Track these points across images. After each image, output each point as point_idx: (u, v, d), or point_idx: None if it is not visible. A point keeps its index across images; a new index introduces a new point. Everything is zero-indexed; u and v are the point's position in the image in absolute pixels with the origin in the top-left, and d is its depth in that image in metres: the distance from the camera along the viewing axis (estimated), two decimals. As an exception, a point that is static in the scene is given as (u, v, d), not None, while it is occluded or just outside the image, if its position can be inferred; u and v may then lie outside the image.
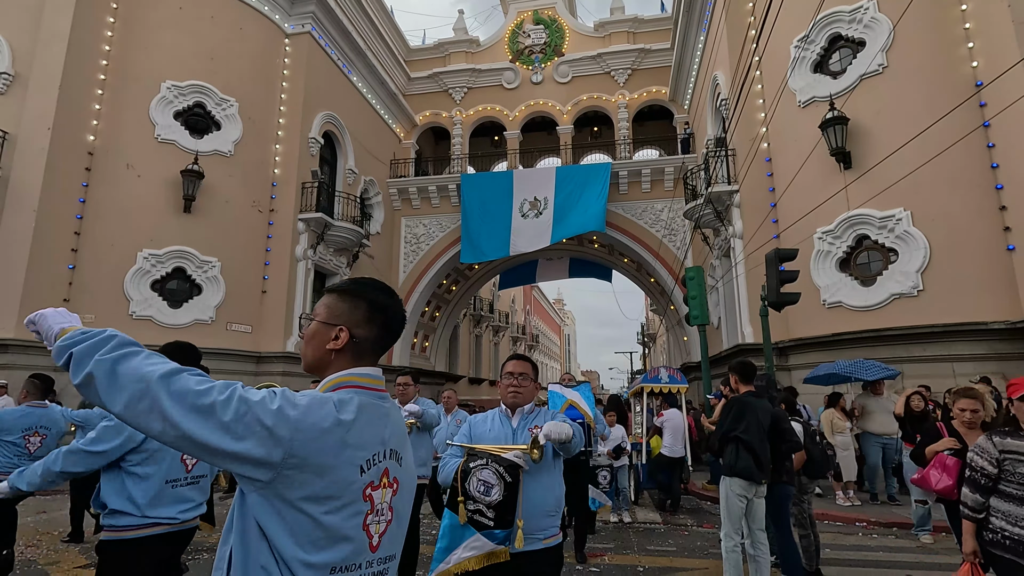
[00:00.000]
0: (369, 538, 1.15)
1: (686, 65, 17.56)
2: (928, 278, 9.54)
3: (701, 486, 9.63)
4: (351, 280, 1.35)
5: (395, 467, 1.24)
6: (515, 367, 2.66)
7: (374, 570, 1.17)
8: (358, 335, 1.26)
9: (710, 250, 15.33)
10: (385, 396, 1.28)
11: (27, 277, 10.42)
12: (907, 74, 10.03)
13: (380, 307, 1.31)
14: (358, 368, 1.26)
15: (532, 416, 2.64)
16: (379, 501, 1.17)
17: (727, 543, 4.25)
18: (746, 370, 4.44)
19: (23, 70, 11.34)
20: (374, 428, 1.19)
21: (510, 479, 2.32)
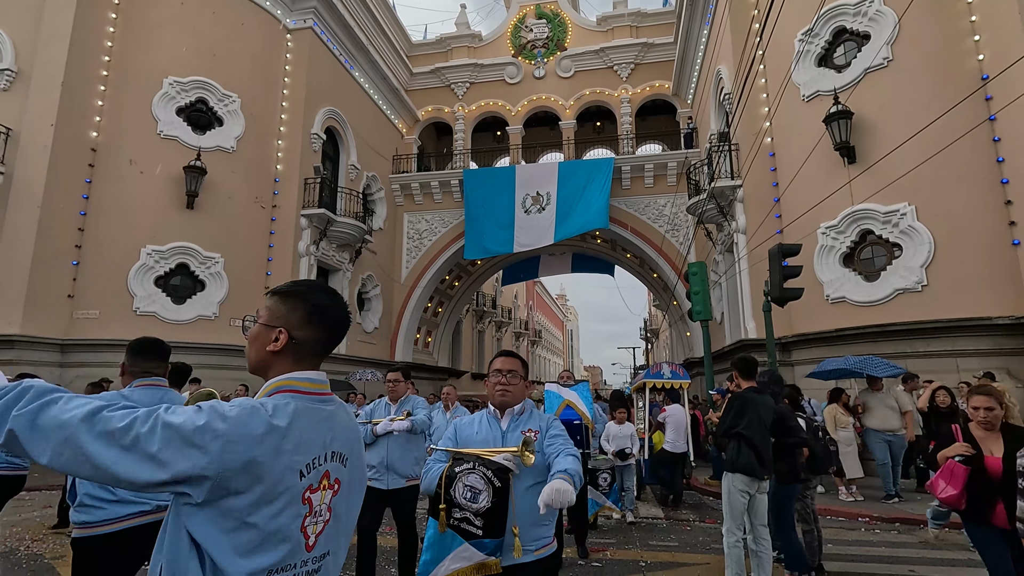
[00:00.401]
0: (306, 538, 1.17)
1: (689, 59, 17.46)
2: (932, 273, 9.49)
3: (703, 481, 9.63)
4: (293, 282, 1.36)
5: (338, 469, 1.26)
6: (503, 364, 2.46)
7: (309, 568, 1.19)
8: (298, 337, 1.27)
9: (713, 245, 15.29)
10: (329, 399, 1.29)
11: (31, 274, 10.47)
12: (912, 67, 9.96)
13: (320, 309, 1.31)
14: (297, 372, 1.26)
15: (523, 417, 2.46)
16: (318, 503, 1.19)
17: (729, 538, 4.25)
18: (747, 366, 4.43)
19: (25, 66, 11.35)
20: (314, 432, 1.20)
21: (499, 484, 2.14)
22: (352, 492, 1.31)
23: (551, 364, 63.18)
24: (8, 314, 10.23)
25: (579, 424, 4.87)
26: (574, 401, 4.96)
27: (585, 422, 4.91)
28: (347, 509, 1.30)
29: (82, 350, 11.07)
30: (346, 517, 1.30)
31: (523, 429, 2.36)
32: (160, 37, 12.76)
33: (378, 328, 18.32)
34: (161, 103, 12.51)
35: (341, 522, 1.28)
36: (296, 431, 1.16)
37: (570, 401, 4.95)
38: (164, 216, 12.21)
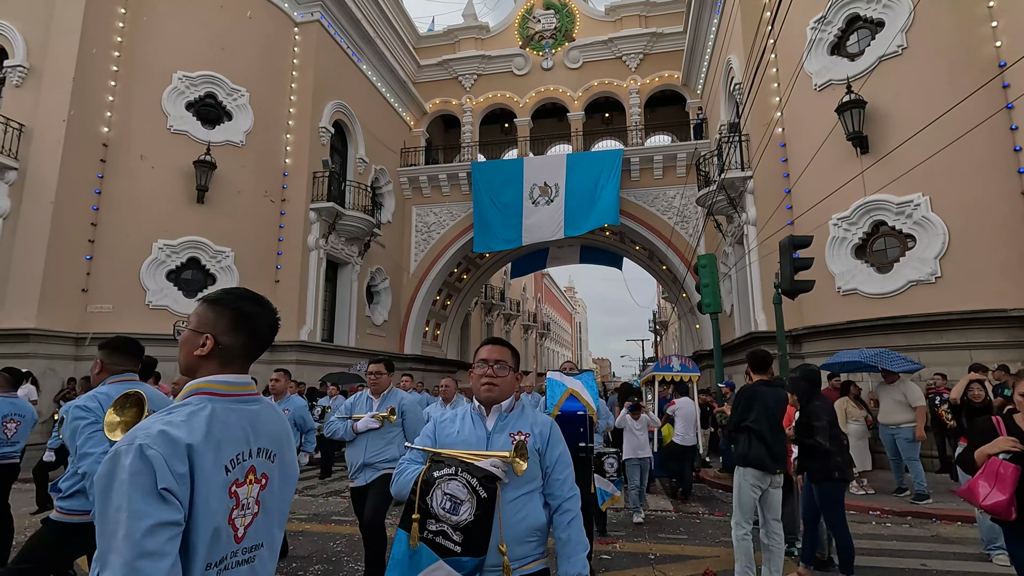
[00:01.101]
0: (234, 530, 1.24)
1: (699, 49, 17.26)
2: (946, 264, 9.37)
3: (713, 474, 9.63)
4: (223, 290, 1.44)
5: (266, 465, 1.34)
6: (489, 353, 2.13)
7: (239, 559, 1.26)
8: (223, 342, 1.35)
9: (723, 237, 15.18)
10: (253, 399, 1.37)
11: (46, 268, 10.60)
12: (927, 55, 9.78)
13: (246, 316, 1.39)
14: (218, 375, 1.34)
15: (512, 416, 2.13)
16: (244, 496, 1.27)
17: (737, 531, 4.24)
18: (759, 360, 4.39)
19: (37, 62, 11.44)
20: (236, 429, 1.28)
21: (485, 494, 1.85)
22: (283, 487, 1.40)
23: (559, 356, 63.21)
24: (24, 308, 10.38)
25: (583, 415, 4.57)
26: (578, 390, 4.67)
27: (590, 413, 4.60)
28: (278, 503, 1.38)
29: (96, 344, 11.19)
30: (276, 510, 1.38)
31: (512, 431, 2.06)
32: (168, 30, 12.80)
33: (387, 321, 18.40)
34: (171, 98, 12.57)
35: (271, 515, 1.36)
36: (216, 430, 1.24)
37: (574, 390, 4.66)
38: (175, 210, 12.31)
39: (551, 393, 4.69)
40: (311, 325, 14.22)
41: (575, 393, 4.62)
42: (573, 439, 4.39)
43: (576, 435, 4.42)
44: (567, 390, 4.65)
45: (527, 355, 45.71)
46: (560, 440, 2.13)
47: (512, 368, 2.16)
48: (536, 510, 2.01)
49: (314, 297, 14.44)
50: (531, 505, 2.01)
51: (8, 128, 10.97)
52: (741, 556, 4.20)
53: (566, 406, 4.59)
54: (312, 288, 14.41)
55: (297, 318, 13.87)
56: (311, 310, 14.31)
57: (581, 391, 4.64)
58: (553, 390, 4.70)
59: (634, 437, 6.87)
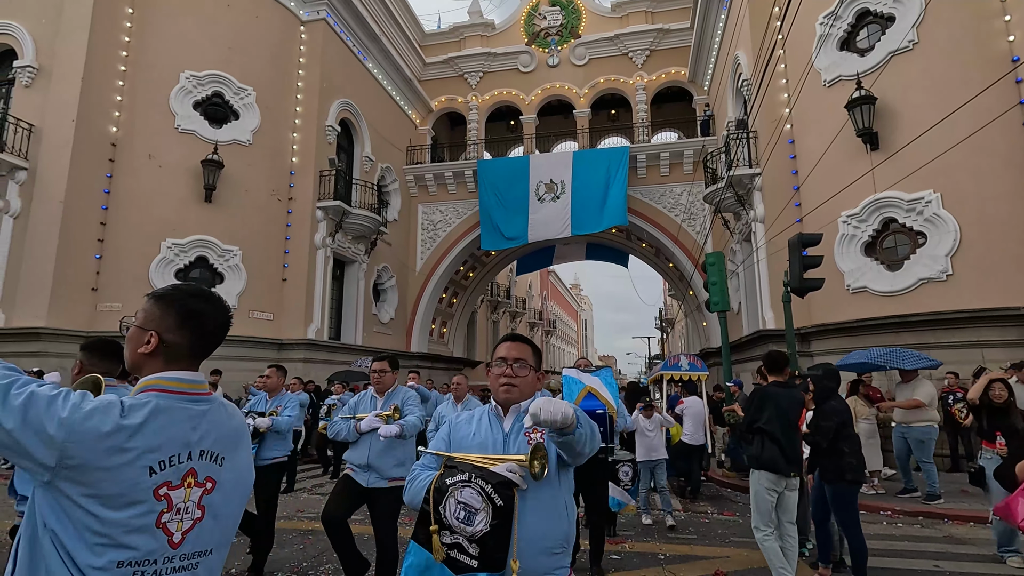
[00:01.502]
0: (168, 535, 1.19)
1: (706, 45, 17.15)
2: (958, 262, 9.28)
3: (722, 473, 9.60)
4: (172, 286, 1.40)
5: (211, 467, 1.29)
6: (508, 351, 1.99)
7: (176, 565, 1.21)
8: (168, 340, 1.32)
9: (730, 235, 15.10)
10: (202, 399, 1.32)
11: (56, 267, 10.68)
12: (939, 50, 9.67)
13: (192, 313, 1.35)
14: (168, 372, 1.30)
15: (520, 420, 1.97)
16: (180, 500, 1.22)
17: (759, 534, 4.14)
18: (774, 361, 4.34)
19: (46, 63, 11.51)
20: (175, 430, 1.23)
21: (501, 502, 1.70)
22: (234, 492, 1.35)
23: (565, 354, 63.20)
24: (34, 307, 10.46)
25: (602, 414, 4.33)
26: (596, 388, 4.41)
27: (609, 411, 4.33)
28: (227, 508, 1.33)
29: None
30: (226, 515, 1.33)
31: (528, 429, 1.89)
32: (176, 30, 12.84)
33: (394, 319, 18.43)
34: (178, 97, 12.62)
35: (221, 520, 1.31)
36: (150, 430, 1.19)
37: (592, 388, 4.40)
38: (183, 209, 12.36)
39: (568, 391, 4.45)
40: (318, 323, 14.26)
41: (593, 391, 4.39)
42: None
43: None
44: (585, 388, 4.41)
45: (533, 353, 45.62)
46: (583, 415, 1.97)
47: (532, 367, 2.01)
48: (560, 517, 1.85)
49: (321, 295, 14.48)
50: (554, 512, 1.84)
51: (18, 128, 11.05)
52: (772, 558, 4.06)
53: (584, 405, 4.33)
54: (319, 286, 14.45)
55: (304, 316, 13.91)
56: (318, 308, 14.36)
57: (600, 389, 4.41)
58: (570, 388, 4.45)
59: (646, 438, 6.68)
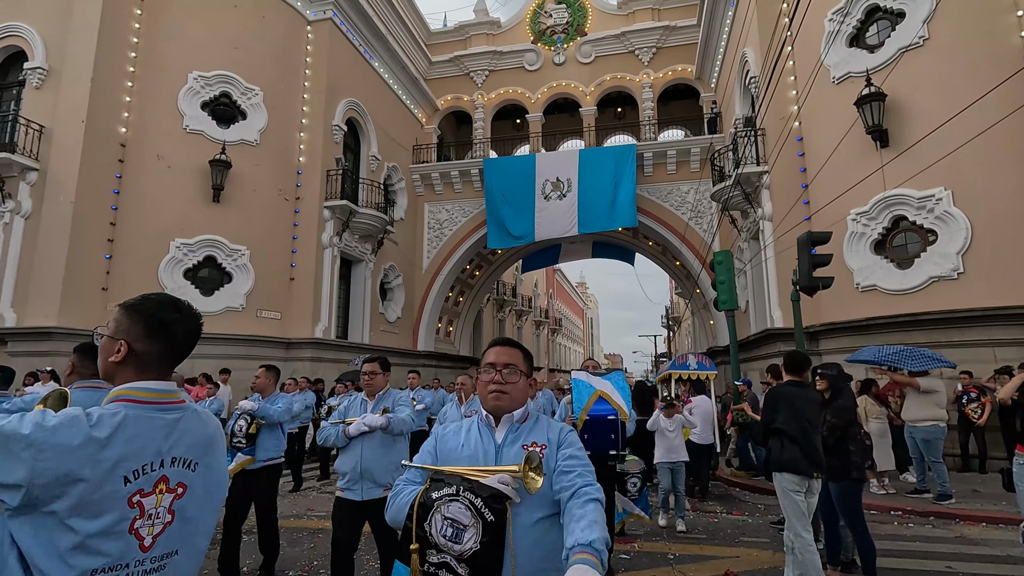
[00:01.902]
0: (139, 540, 1.23)
1: (713, 42, 17.06)
2: (969, 260, 9.20)
3: (730, 473, 9.57)
4: (142, 296, 1.42)
5: (183, 474, 1.32)
6: (497, 356, 1.86)
7: (147, 567, 1.25)
8: (138, 349, 1.35)
9: (738, 233, 15.03)
10: (172, 408, 1.35)
11: (67, 267, 10.75)
12: (950, 46, 9.58)
13: (161, 323, 1.37)
14: (138, 382, 1.32)
15: (526, 426, 1.85)
16: (152, 506, 1.25)
17: (799, 542, 3.90)
18: (791, 361, 4.29)
19: (56, 64, 11.59)
20: (146, 439, 1.26)
21: (491, 517, 1.55)
22: (206, 496, 1.38)
23: (571, 352, 63.15)
24: (45, 307, 10.55)
25: (614, 420, 4.16)
26: (608, 392, 4.22)
27: (621, 417, 4.16)
28: (199, 512, 1.37)
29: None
30: (198, 519, 1.37)
31: (525, 443, 1.77)
32: (184, 30, 12.88)
33: (400, 318, 18.47)
34: (186, 98, 12.67)
35: (190, 524, 1.34)
36: (121, 439, 1.21)
37: (603, 392, 4.22)
38: (191, 209, 12.42)
39: (577, 395, 4.27)
40: (325, 322, 14.31)
41: (604, 395, 4.21)
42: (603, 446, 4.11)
43: (606, 442, 4.15)
44: (595, 392, 4.23)
45: (539, 351, 45.69)
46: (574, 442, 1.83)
47: (524, 372, 1.87)
48: (558, 540, 1.64)
49: (328, 294, 14.53)
50: (554, 531, 1.65)
51: (29, 129, 11.13)
52: (810, 571, 3.83)
53: (595, 410, 4.20)
54: (326, 286, 14.50)
55: (312, 315, 13.96)
56: (325, 307, 14.40)
57: (611, 393, 4.23)
58: (580, 392, 4.26)
59: (666, 439, 6.45)
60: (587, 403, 4.21)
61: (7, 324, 10.61)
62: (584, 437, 4.07)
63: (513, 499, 1.59)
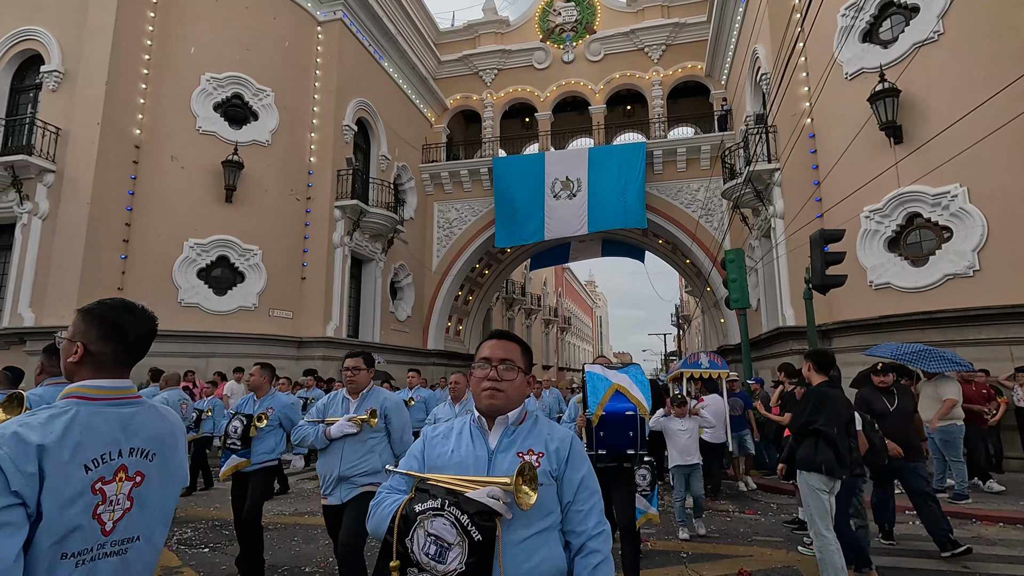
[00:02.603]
0: (101, 524, 1.33)
1: (724, 39, 16.96)
2: (985, 257, 9.09)
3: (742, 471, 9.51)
4: (98, 301, 1.52)
5: (141, 463, 1.43)
6: (493, 350, 1.72)
7: (108, 550, 1.35)
8: (93, 350, 1.45)
9: (749, 230, 14.94)
10: (129, 403, 1.46)
11: (83, 267, 10.90)
12: (965, 41, 9.46)
13: (114, 326, 1.47)
14: (91, 380, 1.43)
15: (523, 429, 1.67)
16: (113, 493, 1.36)
17: (820, 541, 3.91)
18: (822, 359, 4.25)
19: (72, 67, 11.74)
20: (103, 431, 1.37)
21: (479, 536, 1.41)
22: (163, 484, 1.49)
23: (581, 351, 63.07)
24: (63, 307, 10.70)
25: (633, 415, 3.85)
26: (625, 387, 3.93)
27: (641, 413, 3.86)
28: (158, 499, 1.47)
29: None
30: (157, 506, 1.47)
31: (520, 449, 1.61)
32: (196, 32, 13.01)
33: (411, 316, 18.55)
34: (199, 99, 12.80)
35: (149, 510, 1.45)
36: (75, 432, 1.32)
37: (620, 386, 3.92)
38: (204, 210, 12.55)
39: (592, 390, 3.95)
40: (337, 321, 14.41)
41: (622, 390, 3.91)
42: (620, 445, 3.87)
43: (624, 440, 3.86)
44: (612, 386, 3.93)
45: (548, 350, 45.69)
46: (583, 460, 1.66)
47: (522, 369, 1.72)
48: (553, 555, 1.53)
49: (339, 293, 14.62)
50: (546, 548, 1.52)
51: (46, 132, 11.30)
52: (829, 570, 3.85)
53: (611, 405, 3.90)
54: (337, 285, 14.59)
55: (323, 314, 14.06)
56: (337, 306, 14.50)
57: (629, 387, 3.94)
58: (595, 386, 3.94)
59: (677, 440, 6.02)
60: (603, 398, 3.91)
61: (26, 324, 10.78)
62: (600, 434, 3.89)
63: (504, 516, 1.45)
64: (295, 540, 5.74)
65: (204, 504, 7.54)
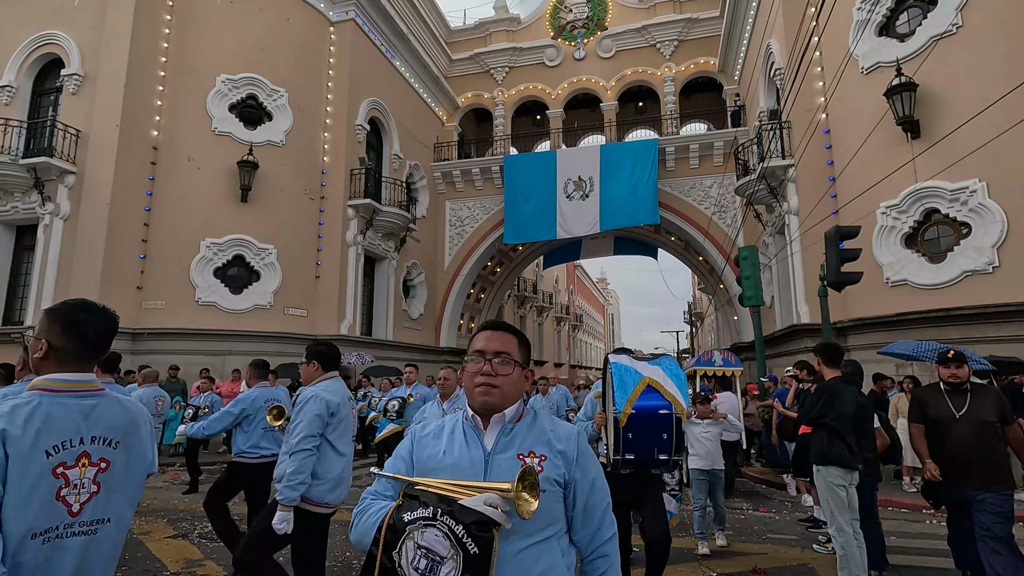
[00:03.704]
0: (67, 506, 1.46)
1: (737, 34, 16.81)
2: (1005, 254, 8.95)
3: (756, 470, 9.49)
4: (63, 302, 1.66)
5: (104, 451, 1.55)
6: (487, 342, 1.55)
7: (76, 530, 1.48)
8: (56, 346, 1.57)
9: (763, 227, 14.83)
10: (91, 395, 1.58)
11: (103, 267, 11.12)
12: (984, 33, 9.30)
13: (73, 324, 1.59)
14: (55, 374, 1.55)
15: (521, 428, 1.51)
16: (76, 478, 1.48)
17: (842, 537, 3.84)
18: (832, 353, 4.20)
19: (91, 70, 11.96)
20: (64, 421, 1.49)
21: (475, 550, 1.25)
22: (128, 470, 1.61)
23: (593, 349, 62.95)
24: (84, 305, 10.92)
25: (668, 415, 3.32)
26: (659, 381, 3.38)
27: (677, 411, 3.33)
28: (123, 484, 1.60)
29: (151, 338, 11.74)
30: (123, 490, 1.60)
31: (521, 451, 1.45)
32: (211, 34, 13.18)
33: (423, 314, 18.66)
34: (215, 100, 12.96)
35: (116, 494, 1.58)
36: (36, 421, 1.45)
37: (653, 380, 3.37)
38: (221, 209, 12.73)
39: (620, 384, 3.40)
40: (350, 319, 14.55)
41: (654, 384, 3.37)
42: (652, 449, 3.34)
43: (656, 444, 3.33)
44: (643, 380, 3.38)
45: (559, 348, 45.67)
46: (592, 461, 1.52)
47: (518, 362, 1.54)
48: (555, 566, 1.40)
49: (353, 292, 14.76)
50: (547, 559, 1.39)
51: (66, 134, 11.53)
52: (851, 566, 3.79)
53: (642, 403, 3.35)
54: (351, 283, 14.73)
55: (337, 312, 14.20)
56: (350, 304, 14.64)
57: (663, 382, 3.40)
58: (622, 379, 3.39)
59: (700, 444, 5.46)
60: (632, 393, 3.35)
61: (49, 322, 11.02)
62: (628, 436, 3.34)
63: (503, 526, 1.28)
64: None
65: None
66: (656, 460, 3.37)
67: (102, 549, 1.53)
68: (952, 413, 3.88)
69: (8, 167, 11.27)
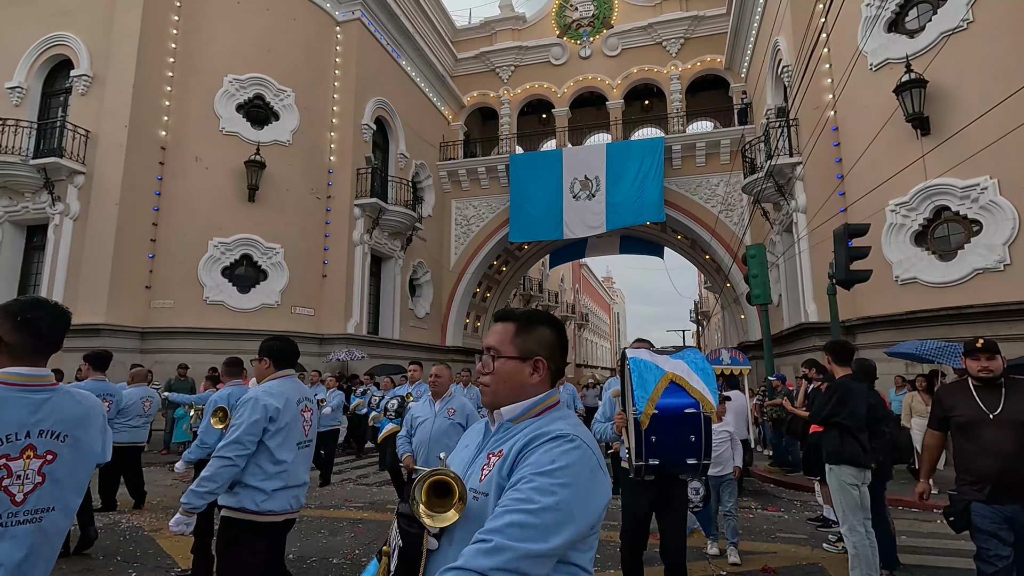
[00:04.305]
0: (10, 496, 1.52)
1: (743, 31, 16.72)
2: (1016, 251, 8.87)
3: (764, 469, 9.46)
4: (14, 299, 1.70)
5: (51, 443, 1.61)
6: (486, 338, 1.46)
7: (20, 519, 1.54)
8: (9, 341, 1.61)
9: (770, 225, 14.75)
10: (42, 389, 1.63)
11: (113, 266, 11.21)
12: (995, 29, 9.21)
13: (26, 320, 1.63)
14: (7, 368, 1.60)
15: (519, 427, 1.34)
16: (20, 469, 1.54)
17: (853, 537, 3.81)
18: (842, 351, 4.16)
19: (100, 71, 12.05)
20: (11, 414, 1.55)
21: (400, 542, 1.27)
22: (75, 462, 1.67)
23: (599, 347, 62.86)
24: (94, 305, 11.01)
25: (695, 414, 2.96)
26: (683, 377, 3.02)
27: (706, 410, 2.98)
28: (69, 475, 1.65)
29: (159, 337, 11.82)
30: (69, 480, 1.66)
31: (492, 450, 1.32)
32: (218, 35, 13.24)
33: (429, 313, 18.69)
34: (222, 100, 13.03)
35: (62, 485, 1.63)
36: None
37: (676, 376, 3.01)
38: (228, 209, 12.79)
39: (639, 381, 3.03)
40: (357, 318, 14.59)
41: (679, 380, 3.01)
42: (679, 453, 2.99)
43: (684, 447, 2.96)
44: (665, 375, 3.03)
45: (565, 346, 45.49)
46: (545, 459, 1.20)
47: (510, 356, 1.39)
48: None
49: (360, 291, 14.80)
50: None
51: (76, 135, 11.61)
52: (863, 565, 3.76)
53: (666, 401, 2.98)
54: (358, 282, 14.77)
55: (344, 311, 14.24)
56: (357, 303, 14.68)
57: (687, 378, 3.04)
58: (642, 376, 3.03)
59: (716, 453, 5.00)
60: (654, 391, 2.98)
61: (59, 321, 11.11)
62: (651, 439, 2.96)
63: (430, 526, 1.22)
64: (322, 532, 5.86)
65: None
66: (684, 464, 3.01)
67: (47, 535, 1.60)
68: (984, 414, 3.08)
69: (19, 167, 11.37)
